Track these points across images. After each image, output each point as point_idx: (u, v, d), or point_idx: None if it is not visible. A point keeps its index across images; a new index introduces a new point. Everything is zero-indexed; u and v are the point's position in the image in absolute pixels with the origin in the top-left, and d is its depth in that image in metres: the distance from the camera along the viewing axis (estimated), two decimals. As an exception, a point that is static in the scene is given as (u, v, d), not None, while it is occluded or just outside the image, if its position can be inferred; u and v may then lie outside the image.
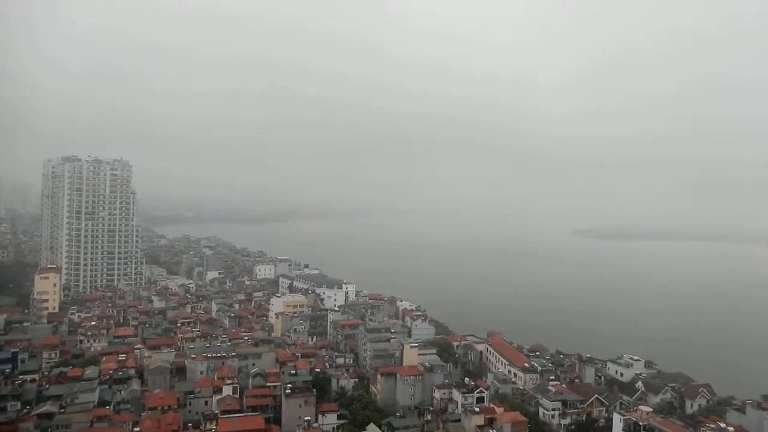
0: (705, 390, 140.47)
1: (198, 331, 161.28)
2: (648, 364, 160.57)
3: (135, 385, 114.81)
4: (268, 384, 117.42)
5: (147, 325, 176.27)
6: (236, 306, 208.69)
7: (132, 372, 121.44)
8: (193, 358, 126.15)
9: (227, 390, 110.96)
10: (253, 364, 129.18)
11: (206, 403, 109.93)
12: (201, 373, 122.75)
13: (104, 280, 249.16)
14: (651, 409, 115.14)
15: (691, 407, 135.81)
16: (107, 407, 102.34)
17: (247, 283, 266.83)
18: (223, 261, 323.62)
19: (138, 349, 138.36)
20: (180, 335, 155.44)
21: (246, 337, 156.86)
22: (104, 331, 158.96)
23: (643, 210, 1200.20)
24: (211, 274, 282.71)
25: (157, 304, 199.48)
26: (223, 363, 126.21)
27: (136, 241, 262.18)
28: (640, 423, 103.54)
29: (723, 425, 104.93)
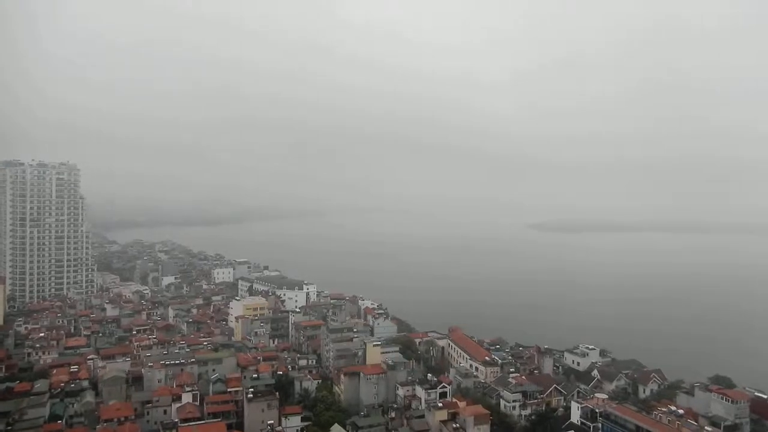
0: (656, 375, 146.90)
1: (155, 338, 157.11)
2: (603, 353, 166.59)
3: (89, 397, 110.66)
4: (229, 389, 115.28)
5: (100, 335, 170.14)
6: (194, 311, 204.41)
7: (85, 384, 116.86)
8: (150, 366, 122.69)
9: (187, 397, 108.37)
10: (214, 370, 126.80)
11: (165, 411, 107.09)
12: (159, 381, 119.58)
13: (53, 290, 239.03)
14: (606, 396, 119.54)
15: (644, 392, 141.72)
16: (59, 422, 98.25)
17: (205, 287, 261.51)
18: (179, 265, 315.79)
19: (91, 359, 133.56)
20: (136, 343, 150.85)
21: (205, 343, 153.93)
22: (54, 343, 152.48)
23: (593, 206, 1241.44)
24: (167, 280, 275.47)
25: (111, 312, 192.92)
26: (182, 370, 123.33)
27: (87, 248, 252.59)
28: (597, 410, 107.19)
29: (673, 408, 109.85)
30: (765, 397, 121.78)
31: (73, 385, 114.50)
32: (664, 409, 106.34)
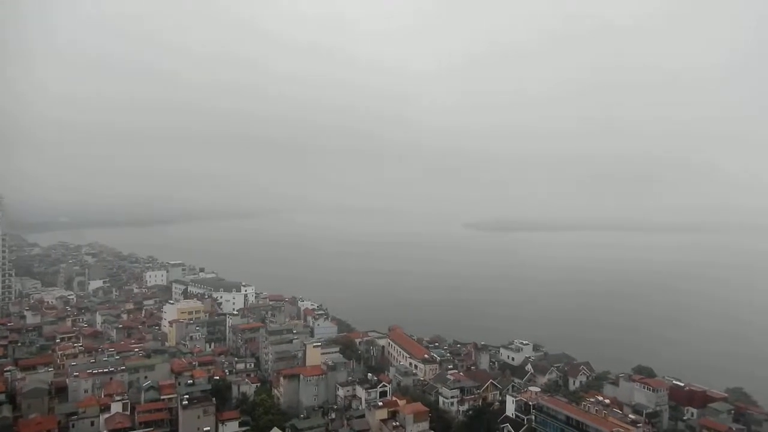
0: (585, 367, 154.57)
1: (81, 346, 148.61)
2: (536, 348, 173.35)
3: (5, 411, 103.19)
4: (162, 397, 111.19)
5: (19, 344, 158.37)
6: (124, 316, 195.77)
7: (2, 397, 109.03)
8: (76, 376, 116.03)
9: (116, 407, 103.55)
10: (146, 377, 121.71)
11: (92, 423, 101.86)
12: (85, 391, 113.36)
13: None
14: (539, 389, 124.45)
15: (574, 384, 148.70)
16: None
17: (136, 291, 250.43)
18: (107, 269, 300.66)
19: (8, 371, 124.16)
20: (59, 352, 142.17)
21: (136, 349, 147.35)
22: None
23: (529, 202, 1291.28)
24: (95, 284, 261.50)
25: (31, 319, 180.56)
26: (110, 378, 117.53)
27: (3, 251, 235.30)
28: (530, 403, 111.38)
29: (600, 398, 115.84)
30: (682, 385, 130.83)
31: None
32: (591, 400, 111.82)
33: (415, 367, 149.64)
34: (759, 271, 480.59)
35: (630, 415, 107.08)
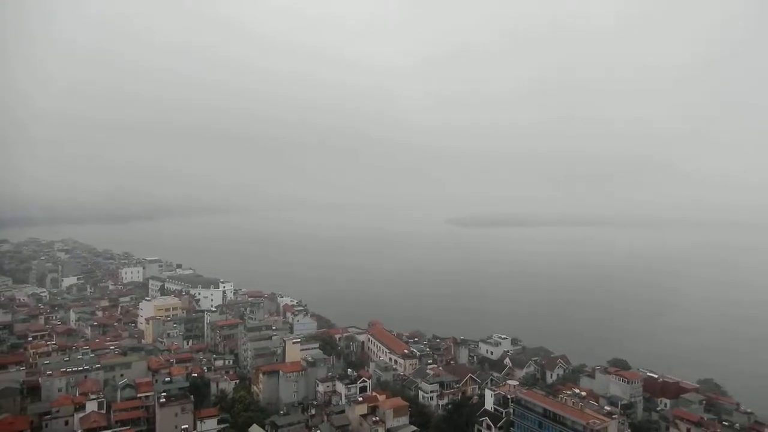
0: (562, 360, 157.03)
1: (54, 344, 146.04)
2: (514, 342, 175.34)
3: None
4: (139, 395, 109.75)
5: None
6: (99, 314, 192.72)
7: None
8: (49, 375, 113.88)
9: (91, 406, 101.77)
10: (122, 375, 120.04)
11: (67, 423, 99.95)
12: (59, 390, 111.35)
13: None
14: (517, 383, 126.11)
15: (551, 377, 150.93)
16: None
17: (111, 288, 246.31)
18: (81, 265, 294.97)
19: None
20: (32, 350, 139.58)
21: (112, 347, 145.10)
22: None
23: (508, 198, 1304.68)
24: (69, 281, 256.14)
25: (2, 317, 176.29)
26: (85, 377, 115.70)
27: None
28: (509, 396, 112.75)
29: (577, 390, 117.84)
30: (656, 376, 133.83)
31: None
32: (568, 392, 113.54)
33: (395, 362, 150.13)
34: (724, 265, 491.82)
35: (606, 407, 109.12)
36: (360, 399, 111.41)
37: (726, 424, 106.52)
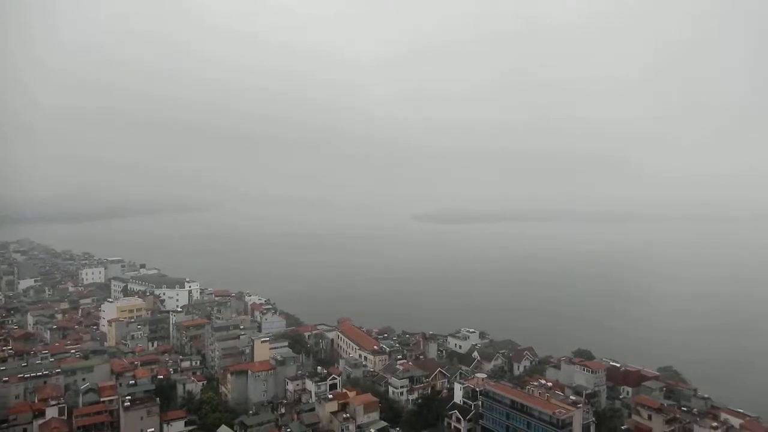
0: (529, 353, 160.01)
1: (10, 349, 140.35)
2: (482, 335, 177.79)
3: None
4: (102, 399, 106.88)
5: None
6: (59, 316, 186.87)
7: None
8: (5, 381, 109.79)
9: (52, 412, 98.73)
10: (84, 379, 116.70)
11: (25, 430, 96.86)
12: (16, 397, 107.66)
13: None
14: (485, 376, 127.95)
15: (519, 369, 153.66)
16: None
17: (71, 289, 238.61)
18: (39, 267, 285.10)
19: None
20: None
21: (73, 350, 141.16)
22: None
23: (473, 195, 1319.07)
24: (25, 283, 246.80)
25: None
26: (44, 382, 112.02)
27: None
28: (477, 389, 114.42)
29: (543, 381, 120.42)
30: (618, 365, 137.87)
31: None
32: (535, 384, 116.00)
33: (365, 358, 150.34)
34: (677, 261, 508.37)
35: (571, 396, 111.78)
36: (330, 396, 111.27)
37: (685, 409, 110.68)
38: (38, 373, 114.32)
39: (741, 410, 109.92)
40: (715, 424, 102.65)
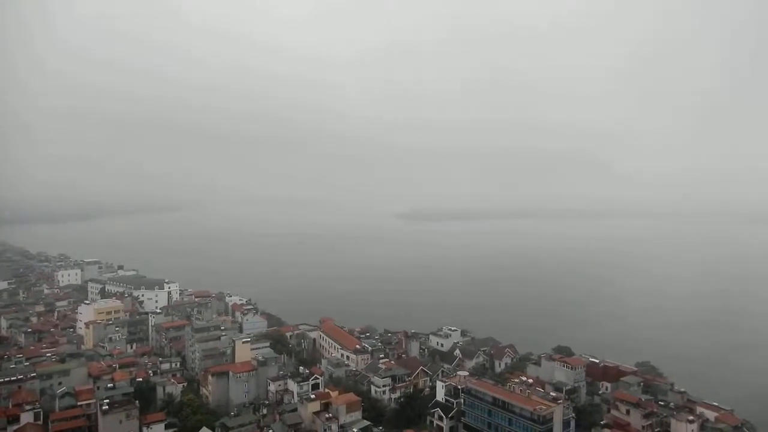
0: (510, 350, 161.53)
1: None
2: (464, 333, 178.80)
3: None
4: (80, 403, 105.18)
5: None
6: (34, 319, 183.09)
7: None
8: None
9: (27, 417, 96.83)
10: (60, 383, 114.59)
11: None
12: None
13: None
14: (467, 373, 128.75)
15: (500, 366, 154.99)
16: None
17: (47, 292, 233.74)
18: (12, 269, 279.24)
19: None
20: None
21: (49, 354, 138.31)
22: None
23: (450, 193, 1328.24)
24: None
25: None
26: (19, 387, 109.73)
27: None
28: (459, 387, 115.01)
29: (524, 378, 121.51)
30: (597, 361, 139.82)
31: None
32: (516, 380, 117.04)
33: (347, 358, 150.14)
34: (654, 257, 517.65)
35: (551, 393, 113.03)
36: (312, 396, 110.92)
37: (662, 403, 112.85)
38: (12, 378, 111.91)
39: (716, 404, 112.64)
40: (691, 417, 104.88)
